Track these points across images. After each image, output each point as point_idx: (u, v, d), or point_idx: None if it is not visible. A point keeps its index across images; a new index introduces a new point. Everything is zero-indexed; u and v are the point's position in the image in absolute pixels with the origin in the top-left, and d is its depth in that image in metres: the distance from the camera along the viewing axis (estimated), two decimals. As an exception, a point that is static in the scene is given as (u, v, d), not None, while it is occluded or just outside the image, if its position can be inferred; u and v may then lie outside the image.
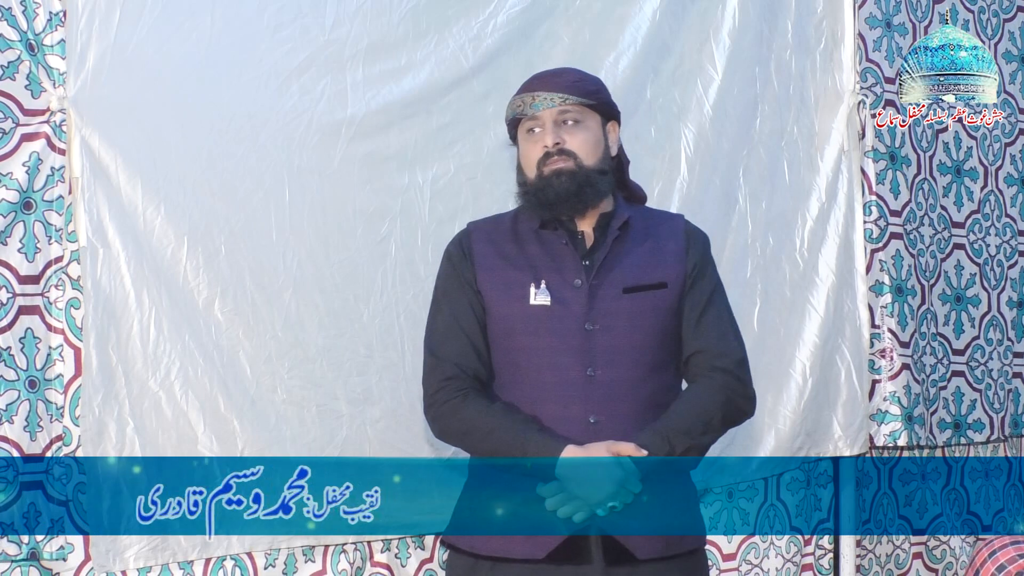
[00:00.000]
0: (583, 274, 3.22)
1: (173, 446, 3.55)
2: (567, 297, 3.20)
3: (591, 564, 3.11)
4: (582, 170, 3.21)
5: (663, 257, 3.28)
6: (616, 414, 3.15)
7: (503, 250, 3.27)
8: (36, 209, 3.38)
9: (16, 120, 3.35)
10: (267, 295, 3.70)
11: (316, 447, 3.75)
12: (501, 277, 3.25)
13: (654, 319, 3.22)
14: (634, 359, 3.19)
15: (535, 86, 3.27)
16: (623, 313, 3.20)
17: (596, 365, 3.17)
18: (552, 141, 3.22)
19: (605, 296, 3.21)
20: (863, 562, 5.01)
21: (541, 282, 3.21)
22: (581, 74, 3.34)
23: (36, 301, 3.38)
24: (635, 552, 3.12)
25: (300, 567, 3.82)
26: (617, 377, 3.17)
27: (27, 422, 3.34)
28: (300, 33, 3.78)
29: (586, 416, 3.15)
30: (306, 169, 3.77)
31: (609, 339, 3.18)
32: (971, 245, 5.23)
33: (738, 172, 4.62)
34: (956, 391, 5.17)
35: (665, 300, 3.24)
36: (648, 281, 3.24)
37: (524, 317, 3.21)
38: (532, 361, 3.21)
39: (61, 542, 3.40)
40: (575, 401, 3.16)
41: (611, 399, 3.16)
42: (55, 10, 3.41)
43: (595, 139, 3.25)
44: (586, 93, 3.25)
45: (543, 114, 3.23)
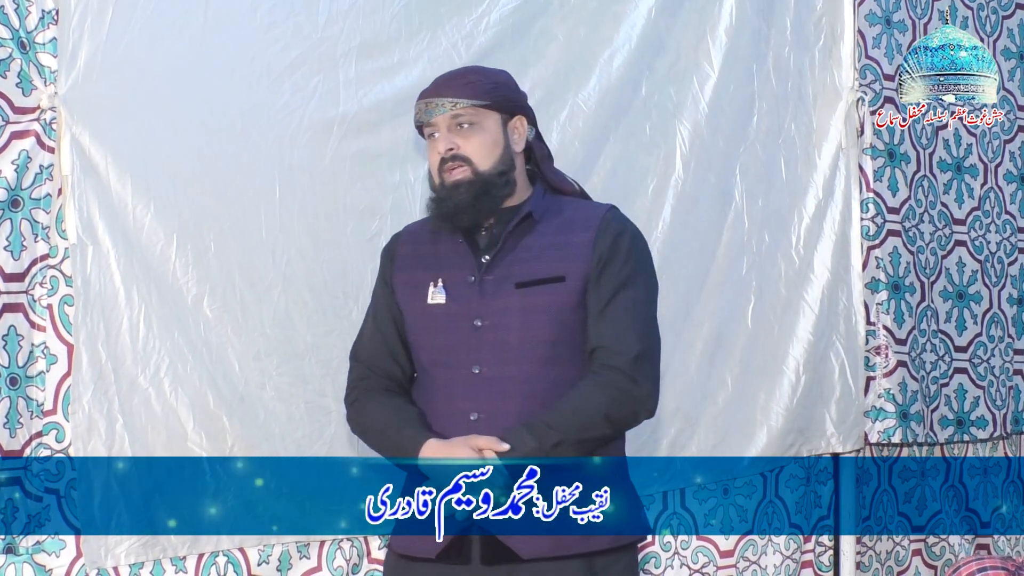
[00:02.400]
0: (477, 270, 3.20)
1: (163, 443, 3.56)
2: (460, 295, 3.19)
3: (468, 564, 3.11)
4: (478, 177, 3.17)
5: (567, 250, 3.20)
6: (500, 411, 3.12)
7: (419, 250, 3.29)
8: (23, 207, 3.39)
9: (6, 118, 3.36)
10: (256, 292, 3.71)
11: (305, 443, 3.76)
12: (409, 278, 3.27)
13: (548, 314, 3.16)
14: (523, 355, 3.14)
15: (430, 92, 3.24)
16: (514, 309, 3.16)
17: (483, 362, 3.14)
18: (444, 147, 3.19)
19: (496, 292, 3.17)
20: (863, 559, 5.01)
21: (439, 280, 3.21)
22: (479, 74, 3.28)
23: (20, 299, 3.39)
24: (518, 551, 3.09)
25: (295, 563, 3.83)
26: (504, 374, 3.14)
27: (7, 419, 3.35)
28: (293, 31, 3.78)
29: (468, 413, 3.13)
30: (297, 166, 3.77)
31: (498, 335, 3.15)
32: (972, 242, 5.22)
33: (734, 169, 4.62)
34: (959, 388, 5.16)
35: (562, 294, 3.16)
36: (544, 275, 3.17)
37: (423, 316, 3.22)
38: (428, 358, 3.22)
39: (38, 539, 3.41)
40: (460, 398, 3.15)
41: (496, 396, 3.13)
42: (47, 8, 3.42)
43: (492, 140, 3.20)
44: (478, 94, 3.20)
45: (437, 120, 3.20)
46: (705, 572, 4.63)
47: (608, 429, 3.15)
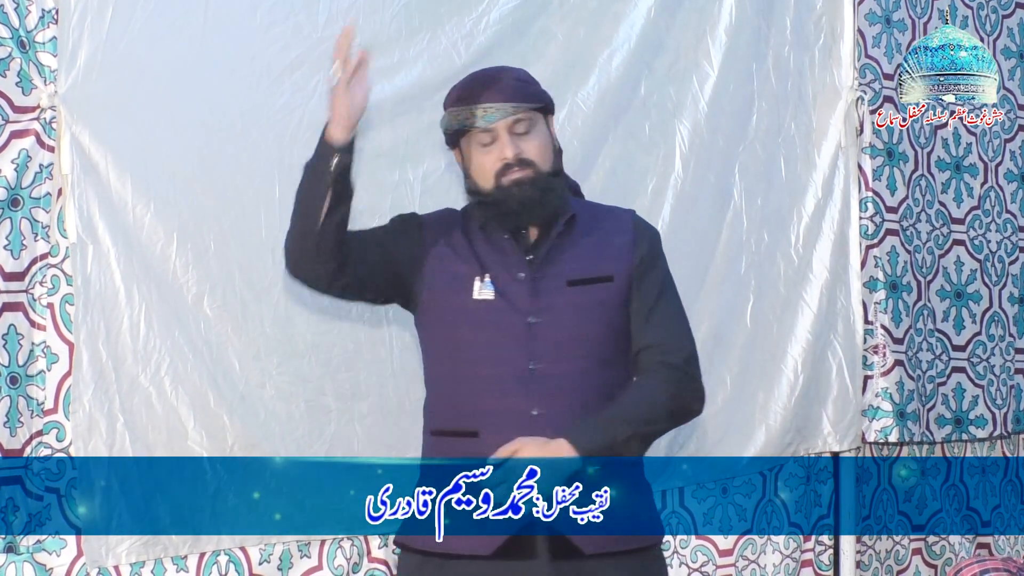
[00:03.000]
0: (526, 268, 3.19)
1: (163, 442, 3.57)
2: (510, 291, 3.17)
3: (536, 559, 3.10)
4: (540, 177, 3.16)
5: (610, 250, 3.22)
6: (559, 407, 3.12)
7: (452, 242, 3.24)
8: (23, 206, 3.39)
9: (6, 117, 3.36)
10: (256, 291, 3.72)
11: (305, 443, 3.77)
12: (448, 269, 3.21)
13: (600, 312, 3.17)
14: (579, 352, 3.15)
15: (481, 96, 3.18)
16: (569, 306, 3.16)
17: (538, 359, 3.14)
18: (512, 153, 3.15)
19: (549, 289, 3.17)
20: (863, 558, 5.01)
21: (486, 276, 3.19)
22: (519, 74, 3.26)
23: (20, 298, 3.40)
24: (582, 547, 3.10)
25: (295, 562, 3.83)
26: (561, 370, 3.13)
27: (7, 418, 3.35)
28: (293, 31, 3.78)
29: (529, 409, 3.12)
30: (297, 166, 3.70)
31: (553, 332, 3.14)
32: (971, 241, 5.22)
33: (733, 169, 4.62)
34: (957, 387, 5.16)
35: (611, 294, 3.18)
36: (594, 274, 3.19)
37: (467, 311, 3.18)
38: (472, 355, 3.18)
39: (39, 538, 3.41)
40: (515, 395, 3.13)
41: (554, 392, 3.13)
42: (47, 7, 3.42)
43: (546, 142, 3.20)
44: (532, 96, 3.19)
45: (497, 125, 3.15)
46: (704, 571, 4.64)
47: (668, 424, 3.24)
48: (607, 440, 3.07)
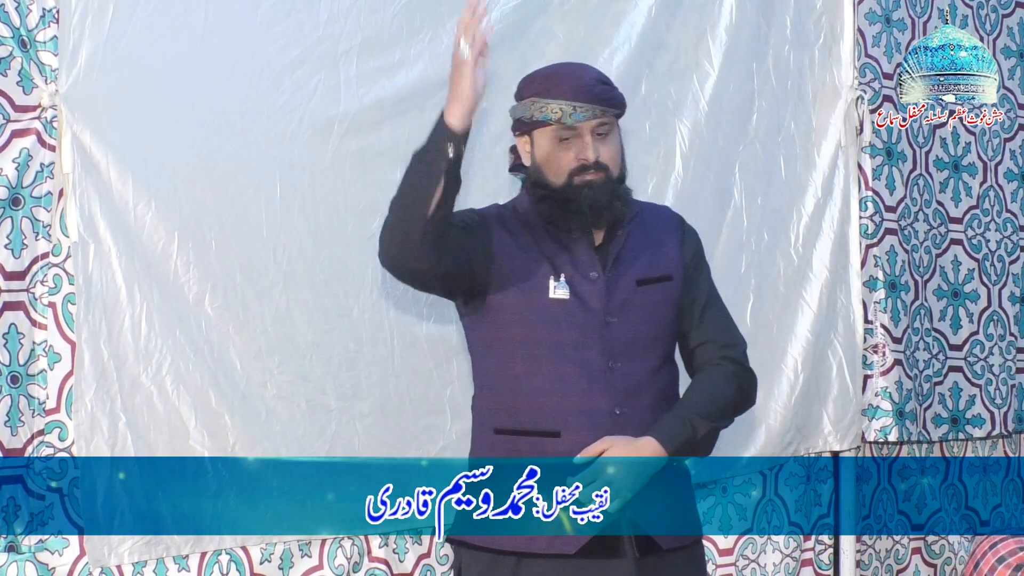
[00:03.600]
0: (598, 267, 3.21)
1: (165, 441, 3.57)
2: (585, 290, 3.19)
3: (623, 557, 3.12)
4: (611, 182, 3.18)
5: (665, 250, 3.29)
6: (637, 405, 3.17)
7: (518, 240, 3.22)
8: (24, 205, 3.39)
9: (7, 116, 3.36)
10: (257, 290, 3.71)
11: (306, 442, 3.76)
12: (520, 267, 3.19)
13: (665, 311, 3.25)
14: (650, 350, 3.21)
15: (570, 93, 3.16)
16: (639, 305, 3.21)
17: (616, 357, 3.17)
18: (592, 155, 3.15)
19: (622, 288, 3.21)
20: (863, 557, 5.01)
21: (560, 275, 3.19)
22: (602, 76, 3.25)
23: (21, 297, 3.39)
24: (660, 543, 3.17)
25: (296, 562, 3.83)
26: (636, 369, 3.18)
27: (8, 417, 3.35)
28: (294, 29, 3.78)
29: (611, 408, 3.15)
30: (297, 165, 3.77)
31: (628, 331, 3.18)
32: (969, 240, 5.22)
33: (734, 168, 4.62)
34: (954, 386, 5.16)
35: (672, 292, 3.26)
36: (657, 273, 3.25)
37: (543, 309, 3.17)
38: (552, 354, 3.17)
39: (41, 537, 3.41)
40: (598, 393, 3.15)
41: (632, 390, 3.17)
42: (48, 7, 3.42)
43: (619, 148, 3.23)
44: (618, 103, 3.20)
45: (583, 125, 3.15)
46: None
47: (734, 416, 3.31)
48: (690, 436, 3.14)
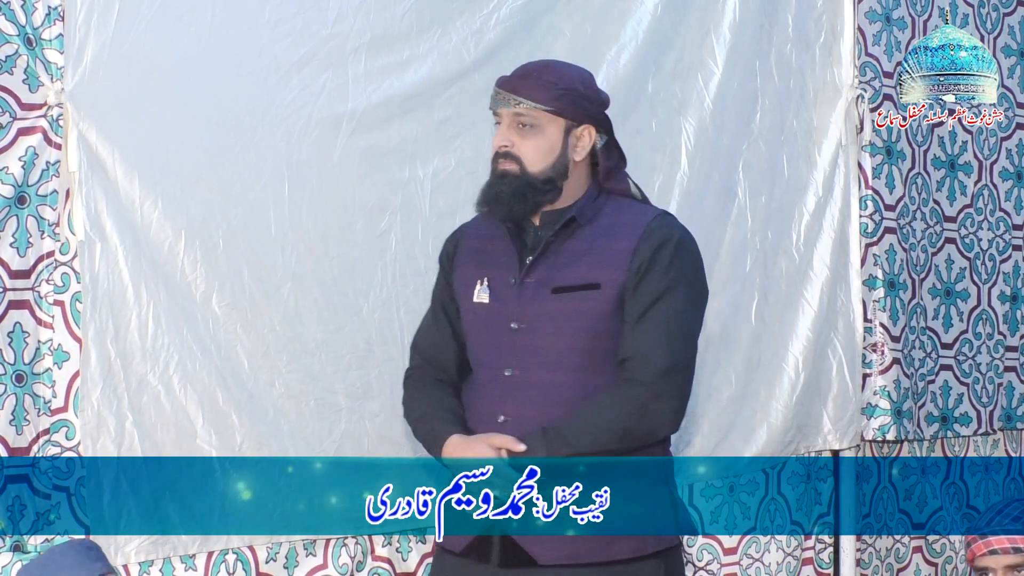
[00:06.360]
0: (518, 272, 3.19)
1: (172, 440, 3.55)
2: (502, 295, 3.19)
3: (487, 563, 3.12)
4: (523, 177, 3.17)
5: (606, 256, 3.18)
6: (524, 415, 3.12)
7: (477, 246, 3.28)
8: (30, 203, 3.36)
9: (13, 114, 3.33)
10: (265, 289, 3.70)
11: (314, 441, 3.75)
12: (463, 273, 3.29)
13: (581, 322, 3.14)
14: (553, 361, 3.13)
15: (504, 83, 3.24)
16: (549, 314, 3.15)
17: (514, 365, 3.15)
18: (500, 143, 3.20)
19: (534, 296, 3.17)
20: (863, 556, 5.01)
21: (485, 280, 3.21)
22: (555, 75, 3.25)
23: (26, 295, 3.37)
24: (536, 557, 3.09)
25: (301, 561, 3.82)
26: (532, 379, 3.14)
27: (13, 416, 3.33)
28: (302, 27, 3.76)
29: (496, 415, 3.15)
30: (305, 163, 3.76)
31: (530, 340, 3.14)
32: (962, 239, 5.22)
33: (737, 166, 4.62)
34: (944, 385, 5.17)
35: (597, 302, 3.15)
36: (579, 282, 3.16)
37: (469, 313, 3.24)
38: (472, 357, 3.25)
39: (47, 537, 3.39)
40: (491, 399, 3.17)
41: (523, 400, 3.14)
42: (54, 4, 3.39)
43: (548, 145, 3.19)
44: (545, 99, 3.18)
45: (503, 112, 3.20)
46: (710, 570, 4.63)
47: (628, 443, 3.12)
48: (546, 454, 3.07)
